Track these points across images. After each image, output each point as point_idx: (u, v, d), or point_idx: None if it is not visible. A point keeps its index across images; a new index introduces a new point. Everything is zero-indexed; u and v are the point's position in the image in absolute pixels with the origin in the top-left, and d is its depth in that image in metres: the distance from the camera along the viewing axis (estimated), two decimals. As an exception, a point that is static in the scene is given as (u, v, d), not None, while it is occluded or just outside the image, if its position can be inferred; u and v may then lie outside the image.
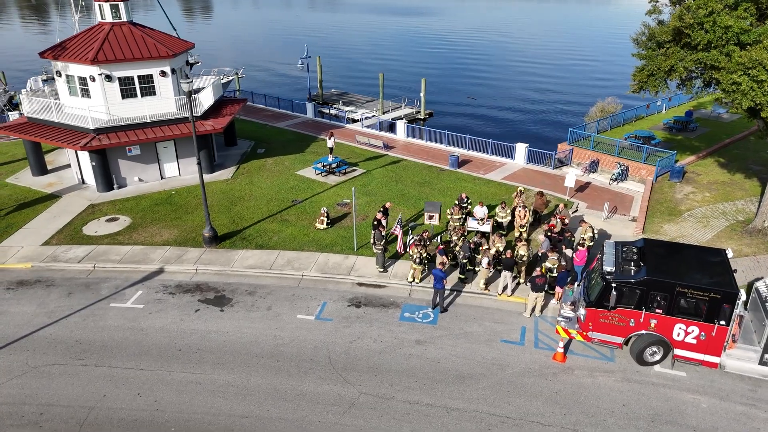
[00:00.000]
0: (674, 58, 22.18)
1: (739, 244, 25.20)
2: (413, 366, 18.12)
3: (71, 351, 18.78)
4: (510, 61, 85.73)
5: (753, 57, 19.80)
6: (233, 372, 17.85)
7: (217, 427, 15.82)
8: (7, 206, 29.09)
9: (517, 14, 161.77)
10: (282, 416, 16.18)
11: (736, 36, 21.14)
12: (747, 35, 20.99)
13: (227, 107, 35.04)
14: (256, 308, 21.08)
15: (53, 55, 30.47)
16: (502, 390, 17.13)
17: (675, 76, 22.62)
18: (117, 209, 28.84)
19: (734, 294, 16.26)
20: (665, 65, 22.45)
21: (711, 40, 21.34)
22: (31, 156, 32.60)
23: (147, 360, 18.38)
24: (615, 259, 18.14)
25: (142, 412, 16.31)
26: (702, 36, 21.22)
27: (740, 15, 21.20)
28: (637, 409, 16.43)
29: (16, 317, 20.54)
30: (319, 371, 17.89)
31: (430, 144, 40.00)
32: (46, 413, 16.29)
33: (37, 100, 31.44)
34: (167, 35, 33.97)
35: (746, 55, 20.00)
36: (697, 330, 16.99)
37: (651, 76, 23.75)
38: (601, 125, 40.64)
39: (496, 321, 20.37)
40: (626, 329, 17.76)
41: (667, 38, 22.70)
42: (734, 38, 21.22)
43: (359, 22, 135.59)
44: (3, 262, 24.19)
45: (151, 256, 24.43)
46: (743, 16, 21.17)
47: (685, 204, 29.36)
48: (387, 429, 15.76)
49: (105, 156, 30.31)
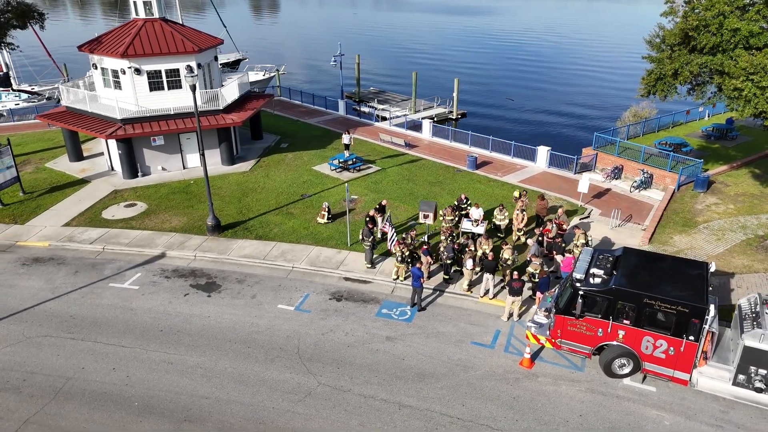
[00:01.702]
0: (678, 61, 21.24)
1: (751, 259, 23.89)
2: (377, 361, 18.33)
3: (64, 325, 20.10)
4: (556, 62, 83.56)
5: (755, 62, 18.72)
6: (204, 355, 18.62)
7: (177, 405, 16.60)
8: (41, 189, 31.23)
9: (574, 14, 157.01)
10: (240, 400, 16.78)
11: (746, 39, 20.05)
12: (757, 39, 19.87)
13: (251, 102, 36.12)
14: (241, 296, 21.83)
15: (89, 49, 32.41)
16: (459, 391, 17.08)
17: (679, 80, 21.65)
18: (137, 195, 30.40)
19: (702, 309, 15.56)
20: (669, 68, 21.54)
21: (718, 44, 20.34)
22: (68, 143, 34.83)
23: (129, 338, 19.44)
24: (587, 267, 17.68)
25: (112, 386, 17.30)
26: (707, 39, 20.25)
27: (752, 17, 20.10)
28: (594, 421, 16.01)
29: (24, 291, 22.14)
30: (286, 360, 18.39)
31: (454, 144, 39.79)
32: (28, 380, 17.56)
33: (74, 91, 33.53)
34: (198, 32, 35.39)
35: (749, 60, 18.94)
36: (665, 344, 16.36)
37: (659, 80, 22.83)
38: (634, 130, 39.21)
39: (471, 323, 20.25)
40: (594, 339, 17.30)
41: (675, 41, 21.77)
42: (743, 42, 20.13)
43: (416, 21, 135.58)
44: (25, 239, 26.06)
45: (156, 241, 25.68)
46: (755, 18, 20.06)
47: (703, 215, 28.02)
48: (336, 420, 16.07)
49: (131, 145, 32.00)
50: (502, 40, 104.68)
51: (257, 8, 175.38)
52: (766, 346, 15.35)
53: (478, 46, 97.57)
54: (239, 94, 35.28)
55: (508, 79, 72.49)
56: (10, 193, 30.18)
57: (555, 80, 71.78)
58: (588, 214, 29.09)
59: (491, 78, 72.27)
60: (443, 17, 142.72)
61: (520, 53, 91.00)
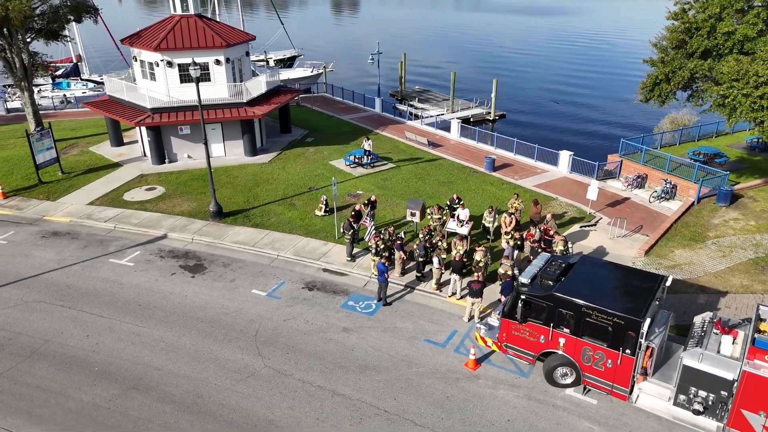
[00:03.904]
0: (671, 65, 20.23)
1: (752, 279, 22.39)
2: (327, 350, 18.84)
3: (58, 293, 21.99)
4: (611, 65, 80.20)
5: (738, 68, 17.56)
6: (170, 330, 19.84)
7: (131, 374, 17.86)
8: (78, 170, 33.94)
9: (646, 14, 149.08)
10: (188, 374, 17.81)
11: (740, 44, 18.89)
12: (752, 44, 18.68)
13: (278, 97, 37.45)
14: (222, 279, 22.98)
15: (130, 42, 34.86)
16: (395, 385, 17.29)
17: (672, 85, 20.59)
18: (159, 180, 32.43)
19: (637, 322, 14.95)
20: (661, 72, 20.55)
21: (711, 48, 19.27)
22: (110, 129, 37.58)
23: (109, 309, 21.01)
24: (537, 272, 17.37)
25: (81, 351, 18.84)
26: (699, 42, 19.22)
27: (750, 21, 18.91)
28: (520, 427, 15.78)
29: (35, 260, 24.35)
30: (242, 341, 19.28)
31: (480, 145, 39.44)
32: (14, 339, 19.43)
33: (114, 81, 36.15)
34: (231, 28, 37.14)
35: (733, 66, 17.81)
36: (603, 356, 15.85)
37: (656, 85, 21.83)
38: (671, 138, 37.31)
39: (432, 321, 20.33)
40: (537, 345, 17.00)
41: (671, 44, 20.78)
42: (738, 46, 18.97)
43: (490, 21, 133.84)
44: (52, 215, 28.52)
45: (162, 223, 27.38)
46: (753, 21, 18.86)
47: (716, 230, 26.42)
48: (268, 401, 16.75)
49: (159, 133, 34.13)
50: (572, 41, 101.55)
51: (337, 6, 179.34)
52: (704, 367, 14.57)
53: (546, 46, 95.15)
54: (266, 89, 36.65)
55: (562, 80, 70.44)
56: (50, 172, 33.01)
57: (606, 83, 69.08)
58: (595, 222, 28.17)
59: (544, 79, 70.46)
60: (521, 17, 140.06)
61: (581, 54, 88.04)
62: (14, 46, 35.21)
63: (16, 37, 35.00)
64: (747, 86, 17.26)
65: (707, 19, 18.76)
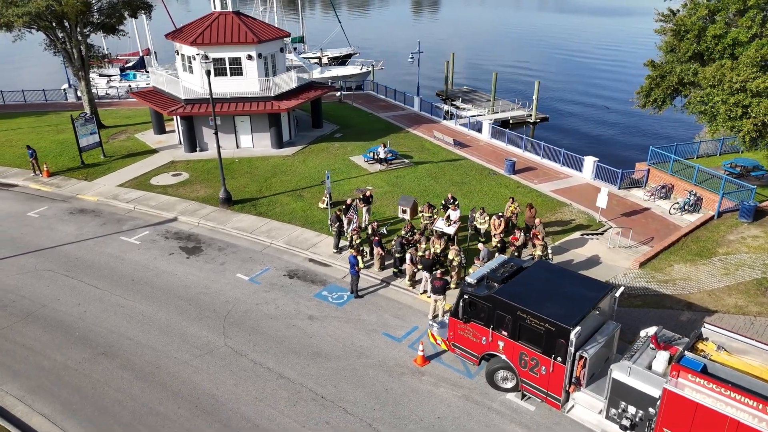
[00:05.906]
0: (661, 69, 19.32)
1: (748, 300, 20.98)
2: (286, 336, 19.55)
3: (67, 264, 24.03)
4: None
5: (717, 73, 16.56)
6: (151, 305, 21.25)
7: (105, 341, 19.35)
8: (119, 154, 36.57)
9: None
10: (154, 346, 19.08)
11: (731, 48, 17.84)
12: (743, 48, 17.60)
13: (306, 92, 38.58)
14: (212, 261, 24.24)
15: (173, 37, 37.15)
16: (340, 374, 17.74)
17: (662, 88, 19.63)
18: (186, 167, 34.38)
19: (566, 329, 14.59)
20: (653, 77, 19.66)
21: (702, 51, 18.32)
22: (153, 118, 40.17)
23: (105, 281, 22.75)
24: (487, 273, 17.24)
25: (69, 317, 20.58)
26: (687, 46, 18.31)
27: (744, 23, 17.82)
28: (448, 426, 15.80)
29: (57, 233, 26.66)
30: (211, 321, 20.36)
31: (508, 147, 38.85)
32: (17, 301, 21.51)
33: (157, 73, 38.60)
34: (267, 25, 38.67)
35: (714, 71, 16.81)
36: (538, 362, 15.56)
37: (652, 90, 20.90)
38: (712, 148, 35.15)
39: (396, 316, 20.58)
40: (479, 346, 16.90)
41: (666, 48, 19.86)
42: (729, 50, 17.92)
43: (565, 22, 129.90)
44: (84, 194, 31.00)
45: (176, 207, 29.12)
46: (747, 24, 17.76)
47: (729, 246, 24.84)
48: (217, 378, 17.67)
49: (192, 123, 36.15)
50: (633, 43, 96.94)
51: (418, 5, 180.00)
52: (631, 381, 14.03)
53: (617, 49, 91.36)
54: (296, 85, 37.88)
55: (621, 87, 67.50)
56: (94, 155, 35.77)
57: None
58: (602, 231, 27.22)
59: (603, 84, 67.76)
60: (600, 18, 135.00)
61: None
62: (73, 39, 38.44)
63: (75, 30, 38.18)
64: (723, 92, 16.26)
65: (695, 21, 17.80)
